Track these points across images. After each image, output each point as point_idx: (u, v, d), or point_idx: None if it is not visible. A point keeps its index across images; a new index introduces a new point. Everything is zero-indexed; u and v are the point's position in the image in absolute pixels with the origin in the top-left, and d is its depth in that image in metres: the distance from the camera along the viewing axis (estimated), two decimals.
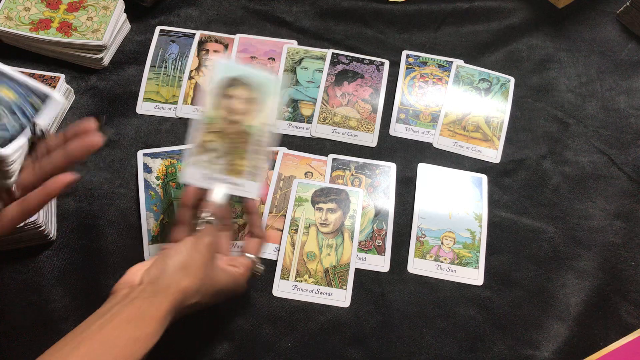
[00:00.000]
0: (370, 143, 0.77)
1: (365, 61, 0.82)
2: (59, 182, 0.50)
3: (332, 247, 0.69)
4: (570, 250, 0.71)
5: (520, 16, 0.88)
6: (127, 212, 0.71)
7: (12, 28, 0.77)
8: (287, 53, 0.82)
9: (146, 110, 0.78)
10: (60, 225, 0.69)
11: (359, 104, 0.79)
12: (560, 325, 0.66)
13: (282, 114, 0.78)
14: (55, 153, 0.51)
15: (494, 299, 0.68)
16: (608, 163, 0.77)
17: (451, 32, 0.86)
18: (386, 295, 0.67)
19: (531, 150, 0.78)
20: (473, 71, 0.82)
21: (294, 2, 0.87)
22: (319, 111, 0.78)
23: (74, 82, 0.79)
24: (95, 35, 0.77)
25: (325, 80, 0.80)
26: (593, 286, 0.68)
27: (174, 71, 0.80)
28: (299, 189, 0.72)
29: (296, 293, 0.67)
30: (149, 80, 0.80)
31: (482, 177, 0.75)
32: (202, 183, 0.59)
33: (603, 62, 0.85)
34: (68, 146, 0.50)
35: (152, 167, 0.73)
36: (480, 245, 0.71)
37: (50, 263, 0.67)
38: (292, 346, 0.64)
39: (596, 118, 0.80)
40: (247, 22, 0.85)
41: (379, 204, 0.72)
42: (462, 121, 0.79)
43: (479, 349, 0.65)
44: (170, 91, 0.79)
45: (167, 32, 0.83)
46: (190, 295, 0.51)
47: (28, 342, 0.63)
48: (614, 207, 0.74)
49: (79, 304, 0.65)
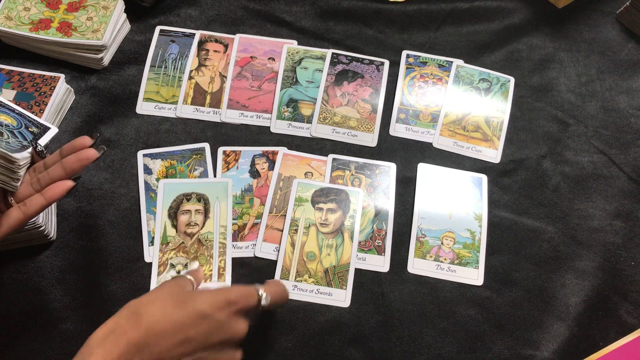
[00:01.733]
0: (370, 143, 0.77)
1: (365, 61, 0.82)
2: (59, 188, 0.53)
3: (332, 247, 0.69)
4: (570, 250, 0.71)
5: (520, 16, 0.88)
6: (127, 212, 0.71)
7: (12, 28, 0.77)
8: (287, 53, 0.82)
9: (146, 110, 0.78)
10: (60, 225, 0.69)
11: (359, 104, 0.79)
12: (560, 325, 0.66)
13: (282, 114, 0.78)
14: (52, 168, 0.55)
15: (494, 299, 0.68)
16: (608, 163, 0.77)
17: (451, 32, 0.86)
18: (386, 295, 0.67)
19: (531, 150, 0.78)
20: (473, 71, 0.82)
21: (294, 2, 0.87)
22: (319, 111, 0.78)
23: (74, 82, 0.79)
24: (95, 35, 0.77)
25: (325, 80, 0.80)
26: (593, 286, 0.68)
27: (174, 71, 0.80)
28: (299, 189, 0.72)
29: (296, 293, 0.67)
30: (149, 80, 0.80)
31: (482, 177, 0.75)
32: None
33: (603, 62, 0.85)
34: (64, 161, 0.54)
35: (152, 169, 0.73)
36: (480, 245, 0.71)
37: (50, 263, 0.67)
38: (292, 346, 0.64)
39: (596, 118, 0.80)
40: (247, 22, 0.85)
41: (379, 204, 0.72)
42: (462, 121, 0.79)
43: (479, 349, 0.65)
44: (170, 91, 0.79)
45: (167, 32, 0.83)
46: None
47: (28, 342, 0.63)
48: (614, 207, 0.74)
49: (79, 304, 0.65)
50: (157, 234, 0.68)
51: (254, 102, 0.79)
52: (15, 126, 0.56)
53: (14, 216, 0.53)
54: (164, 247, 0.68)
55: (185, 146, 0.75)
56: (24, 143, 0.55)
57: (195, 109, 0.78)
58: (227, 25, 0.85)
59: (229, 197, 0.71)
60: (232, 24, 0.85)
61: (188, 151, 0.74)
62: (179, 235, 0.69)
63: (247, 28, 0.85)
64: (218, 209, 0.70)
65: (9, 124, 0.56)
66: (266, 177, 0.73)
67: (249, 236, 0.70)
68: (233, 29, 0.84)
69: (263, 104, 0.79)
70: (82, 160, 0.53)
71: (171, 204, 0.70)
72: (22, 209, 0.53)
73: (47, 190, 0.53)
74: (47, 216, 0.66)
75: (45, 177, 0.54)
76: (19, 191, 0.54)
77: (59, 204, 0.70)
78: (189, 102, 0.78)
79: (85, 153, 0.54)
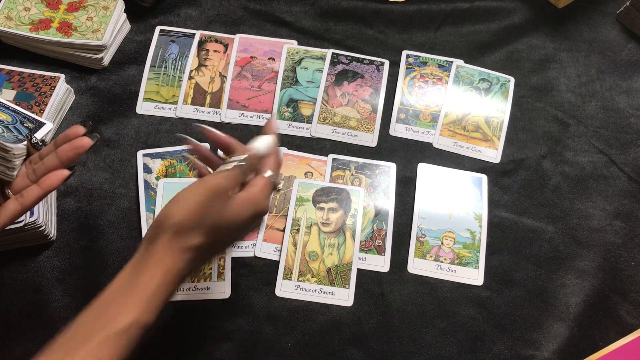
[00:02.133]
0: (370, 143, 0.77)
1: (365, 61, 0.82)
2: (55, 177, 0.54)
3: (334, 246, 0.69)
4: (570, 250, 0.71)
5: (520, 16, 0.88)
6: (127, 212, 0.71)
7: (12, 28, 0.77)
8: (287, 53, 0.82)
9: (146, 110, 0.78)
10: (60, 225, 0.69)
11: (359, 104, 0.79)
12: (560, 325, 0.66)
13: (281, 114, 0.78)
14: (47, 158, 0.55)
15: (494, 299, 0.68)
16: (608, 163, 0.77)
17: (451, 32, 0.86)
18: (386, 295, 0.67)
19: (531, 150, 0.78)
20: (473, 71, 0.83)
21: (294, 2, 0.87)
22: (319, 111, 0.78)
23: (74, 82, 0.79)
24: (95, 35, 0.77)
25: (325, 80, 0.80)
26: (593, 286, 0.68)
27: (174, 71, 0.80)
28: (300, 188, 0.72)
29: (299, 293, 0.67)
30: (149, 80, 0.80)
31: (482, 177, 0.75)
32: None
33: (603, 62, 0.85)
34: (59, 151, 0.55)
35: (152, 168, 0.73)
36: (480, 245, 0.71)
37: (50, 263, 0.67)
38: (292, 346, 0.64)
39: (596, 118, 0.80)
40: (247, 22, 0.85)
41: (379, 204, 0.72)
42: (462, 121, 0.79)
43: (479, 349, 0.65)
44: (170, 91, 0.79)
45: (167, 32, 0.83)
46: (186, 231, 0.47)
47: (28, 342, 0.63)
48: (614, 207, 0.74)
49: (79, 304, 0.64)
50: None
51: (254, 102, 0.79)
52: (10, 122, 0.57)
53: (11, 208, 0.53)
54: None
55: (186, 146, 0.75)
56: (20, 137, 0.56)
57: (196, 109, 0.78)
58: (227, 25, 0.85)
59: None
60: (232, 24, 0.85)
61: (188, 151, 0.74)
62: None
63: (247, 28, 0.85)
64: None
65: (3, 119, 0.56)
66: None
67: (248, 236, 0.70)
68: (233, 29, 0.84)
69: (263, 104, 0.79)
70: (77, 148, 0.54)
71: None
72: (19, 200, 0.53)
73: (43, 180, 0.54)
74: (47, 216, 0.66)
75: (40, 167, 0.55)
76: (16, 183, 0.55)
77: (59, 204, 0.70)
78: (189, 102, 0.78)
79: (79, 142, 0.54)
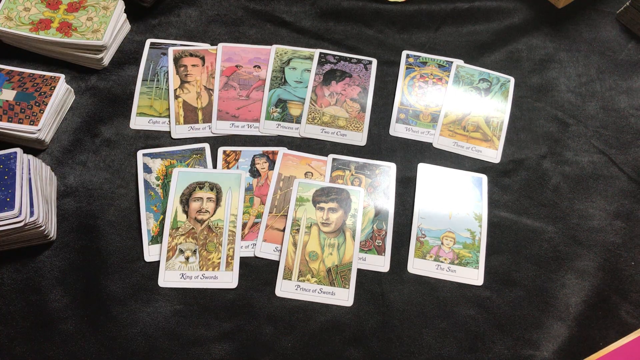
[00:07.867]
0: (360, 142, 0.77)
1: (353, 60, 0.82)
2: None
3: (334, 246, 0.69)
4: (570, 250, 0.71)
5: (520, 16, 0.88)
6: (127, 212, 0.71)
7: (12, 28, 0.77)
8: (276, 53, 0.82)
9: (140, 125, 0.76)
10: (60, 225, 0.69)
11: (347, 103, 0.79)
12: (560, 325, 0.66)
13: (270, 114, 0.78)
14: None
15: (494, 299, 0.68)
16: (608, 163, 0.77)
17: (451, 32, 0.86)
18: (386, 295, 0.67)
19: (531, 150, 0.78)
20: (473, 71, 0.83)
21: (294, 2, 0.87)
22: (308, 111, 0.78)
23: (74, 82, 0.79)
24: (95, 36, 0.77)
25: (313, 80, 0.80)
26: (593, 286, 0.68)
27: (167, 84, 0.79)
28: (300, 188, 0.72)
29: (299, 293, 0.67)
30: (141, 95, 0.78)
31: (482, 177, 0.75)
32: (180, 284, 0.66)
33: (603, 62, 0.85)
34: None
35: (152, 168, 0.73)
36: (480, 245, 0.71)
37: (50, 263, 0.67)
38: (292, 346, 0.64)
39: (596, 118, 0.80)
40: (247, 22, 0.85)
41: (379, 204, 0.72)
42: (462, 121, 0.79)
43: (479, 349, 0.65)
44: (163, 104, 0.78)
45: (158, 45, 0.82)
46: None
47: (28, 342, 0.63)
48: (614, 207, 0.74)
49: (79, 304, 0.65)
50: (168, 218, 0.68)
51: (243, 112, 0.78)
52: None
53: None
54: (173, 232, 0.68)
55: (185, 146, 0.75)
56: None
57: (190, 127, 0.76)
58: (227, 25, 0.85)
59: (242, 187, 0.71)
60: (232, 24, 0.85)
61: (188, 151, 0.74)
62: (190, 221, 0.69)
63: (247, 28, 0.85)
64: (230, 198, 0.70)
65: None
66: (266, 177, 0.73)
67: (249, 236, 0.70)
68: (233, 29, 0.84)
69: (253, 113, 0.78)
70: None
71: (183, 191, 0.70)
72: None
73: None
74: (47, 216, 0.66)
75: None
76: None
77: (59, 204, 0.70)
78: (182, 121, 0.77)
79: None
